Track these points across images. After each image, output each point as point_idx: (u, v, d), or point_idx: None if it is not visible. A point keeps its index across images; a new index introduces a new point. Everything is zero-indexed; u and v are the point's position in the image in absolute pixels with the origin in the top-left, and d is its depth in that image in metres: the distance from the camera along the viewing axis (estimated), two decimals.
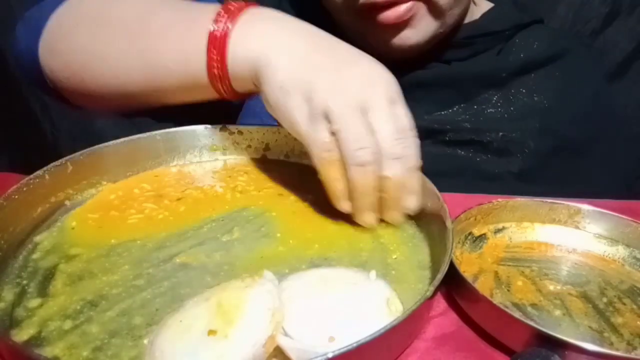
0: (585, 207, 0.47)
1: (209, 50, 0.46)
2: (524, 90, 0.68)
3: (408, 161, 0.42)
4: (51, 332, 0.34)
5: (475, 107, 0.67)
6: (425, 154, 0.49)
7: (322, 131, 0.41)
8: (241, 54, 0.46)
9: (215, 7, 0.48)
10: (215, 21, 0.46)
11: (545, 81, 0.68)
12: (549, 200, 0.48)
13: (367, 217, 0.44)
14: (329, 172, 0.43)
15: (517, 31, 0.70)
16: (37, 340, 0.34)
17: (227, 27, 0.46)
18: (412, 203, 0.44)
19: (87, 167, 0.49)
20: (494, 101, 0.68)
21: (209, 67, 0.47)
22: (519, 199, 0.48)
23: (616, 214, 0.46)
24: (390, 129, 0.41)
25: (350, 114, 0.41)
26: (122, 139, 0.52)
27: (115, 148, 0.51)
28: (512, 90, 0.68)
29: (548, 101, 0.68)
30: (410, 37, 0.61)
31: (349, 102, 0.41)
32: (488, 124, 0.66)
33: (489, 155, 0.66)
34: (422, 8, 0.59)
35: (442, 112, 0.67)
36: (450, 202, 0.42)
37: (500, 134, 0.66)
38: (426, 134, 0.64)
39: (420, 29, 0.61)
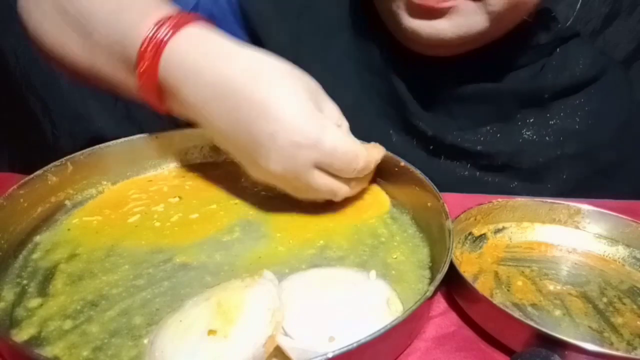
0: (585, 207, 0.47)
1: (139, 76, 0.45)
2: (562, 114, 0.63)
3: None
4: (51, 332, 0.34)
5: (511, 127, 0.63)
6: (449, 176, 0.49)
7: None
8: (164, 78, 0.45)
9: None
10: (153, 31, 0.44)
11: (586, 103, 0.64)
12: (549, 200, 0.48)
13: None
14: None
15: (558, 45, 0.65)
16: (37, 340, 0.34)
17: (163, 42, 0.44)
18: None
19: (87, 167, 0.49)
20: (530, 122, 0.63)
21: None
22: (519, 199, 0.48)
23: (616, 214, 0.46)
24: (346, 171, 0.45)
25: (313, 177, 0.44)
26: (122, 139, 0.52)
27: (115, 148, 0.51)
28: (551, 112, 0.63)
29: (584, 125, 0.63)
30: (444, 29, 0.53)
31: (307, 167, 0.43)
32: (522, 148, 0.62)
33: (519, 182, 0.62)
34: (469, 5, 0.52)
35: (476, 129, 0.62)
36: (450, 202, 0.42)
37: (535, 160, 0.62)
38: (455, 153, 0.62)
39: (460, 26, 0.53)
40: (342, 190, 0.47)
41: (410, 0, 0.52)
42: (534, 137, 0.62)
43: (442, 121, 0.62)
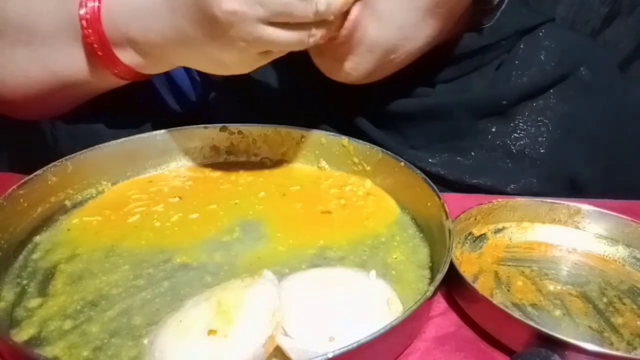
0: (585, 207, 0.47)
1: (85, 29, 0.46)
2: (528, 120, 0.55)
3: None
4: (51, 332, 0.34)
5: (469, 143, 0.56)
6: None
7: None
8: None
9: None
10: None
11: (554, 107, 0.55)
12: (549, 200, 0.48)
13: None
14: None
15: (520, 37, 0.57)
16: (37, 340, 0.34)
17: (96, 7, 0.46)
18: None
19: (87, 167, 0.49)
20: (491, 135, 0.56)
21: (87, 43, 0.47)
22: (519, 199, 0.48)
23: (616, 214, 0.46)
24: None
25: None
26: (122, 139, 0.52)
27: (115, 148, 0.51)
28: (514, 121, 0.56)
29: (558, 130, 0.55)
30: (349, 72, 0.49)
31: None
32: (482, 166, 0.55)
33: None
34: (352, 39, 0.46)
35: (431, 147, 0.56)
36: (450, 202, 0.42)
37: (498, 179, 0.55)
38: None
39: (360, 64, 0.49)
40: (302, 39, 0.42)
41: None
42: (497, 151, 0.56)
43: (395, 139, 0.57)
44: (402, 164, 0.49)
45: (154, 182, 0.52)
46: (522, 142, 0.56)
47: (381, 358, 0.34)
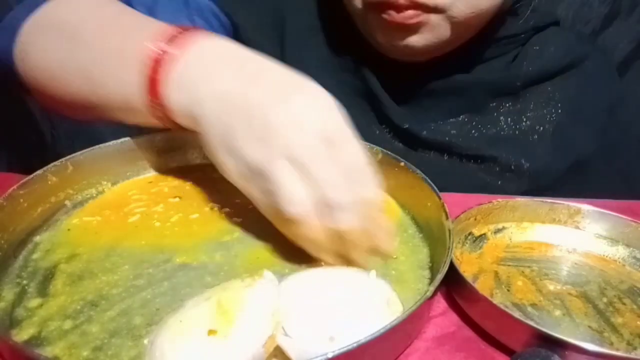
0: (585, 207, 0.47)
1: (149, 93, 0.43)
2: (537, 102, 0.64)
3: (363, 206, 0.37)
4: (51, 332, 0.34)
5: (485, 118, 0.64)
6: (429, 165, 0.49)
7: (255, 189, 0.39)
8: (176, 100, 0.42)
9: (157, 34, 0.43)
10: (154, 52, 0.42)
11: (561, 90, 0.64)
12: (549, 200, 0.48)
13: (328, 259, 0.40)
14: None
15: (533, 34, 0.66)
16: (37, 340, 0.34)
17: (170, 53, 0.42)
18: (382, 244, 0.40)
19: (87, 167, 0.49)
20: (505, 112, 0.64)
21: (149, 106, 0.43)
22: (519, 199, 0.48)
23: (616, 214, 0.46)
24: (329, 175, 0.36)
25: (279, 169, 0.36)
26: (122, 139, 0.52)
27: (115, 148, 0.51)
28: (526, 101, 0.64)
29: (563, 112, 0.63)
30: (415, 42, 0.57)
31: (275, 156, 0.36)
32: (498, 138, 0.63)
33: (498, 172, 0.62)
34: (434, 17, 0.55)
35: (450, 121, 0.64)
36: (450, 202, 0.42)
37: (512, 149, 0.62)
38: (432, 144, 0.63)
39: (429, 37, 0.57)
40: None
41: (385, 18, 0.55)
42: (511, 126, 0.63)
43: (415, 114, 0.64)
44: (402, 164, 0.49)
45: (154, 182, 0.52)
46: (532, 121, 0.63)
47: (381, 358, 0.34)
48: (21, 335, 0.34)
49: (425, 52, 0.59)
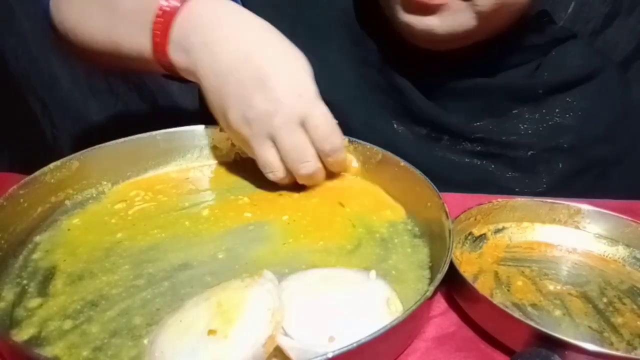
0: (585, 207, 0.47)
1: (153, 32, 0.49)
2: (557, 110, 0.65)
3: (338, 149, 0.49)
4: (51, 332, 0.34)
5: (507, 121, 0.65)
6: (448, 162, 0.49)
7: (268, 152, 0.47)
8: (179, 44, 0.49)
9: None
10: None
11: (579, 100, 0.66)
12: (549, 200, 0.48)
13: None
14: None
15: (554, 45, 0.68)
16: (37, 340, 0.34)
17: (175, 6, 0.49)
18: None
19: (87, 167, 0.49)
20: (525, 117, 0.65)
21: (154, 47, 0.50)
22: (519, 199, 0.48)
23: (616, 214, 0.46)
24: (322, 134, 0.47)
25: (290, 130, 0.46)
26: (122, 139, 0.52)
27: (115, 148, 0.51)
28: (546, 108, 0.65)
29: (579, 121, 0.65)
30: (435, 25, 0.57)
31: (287, 119, 0.45)
32: (518, 140, 0.64)
33: (514, 172, 0.64)
34: (458, 3, 0.55)
35: (471, 124, 0.65)
36: (450, 202, 0.42)
37: (530, 152, 0.64)
38: (454, 139, 0.64)
39: (449, 23, 0.56)
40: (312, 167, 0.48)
41: None
42: (529, 130, 0.65)
43: (438, 114, 0.64)
44: (402, 164, 0.49)
45: (154, 182, 0.52)
46: (550, 129, 0.65)
47: (381, 358, 0.34)
48: (21, 335, 0.34)
49: (447, 41, 0.59)
